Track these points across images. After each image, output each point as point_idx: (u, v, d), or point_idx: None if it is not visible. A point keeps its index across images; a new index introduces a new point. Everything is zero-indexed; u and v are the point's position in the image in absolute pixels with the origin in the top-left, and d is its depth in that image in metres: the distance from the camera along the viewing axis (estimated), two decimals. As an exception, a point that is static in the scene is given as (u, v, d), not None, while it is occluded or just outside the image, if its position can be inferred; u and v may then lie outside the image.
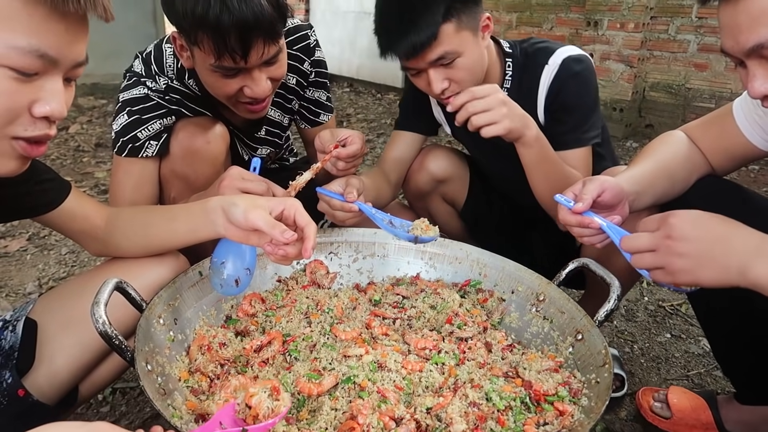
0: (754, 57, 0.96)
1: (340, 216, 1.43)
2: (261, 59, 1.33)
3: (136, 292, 1.14)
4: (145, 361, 1.04)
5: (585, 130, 1.59)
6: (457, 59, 1.45)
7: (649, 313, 2.22)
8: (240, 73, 1.35)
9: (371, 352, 1.18)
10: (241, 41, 1.26)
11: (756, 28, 0.92)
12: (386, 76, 6.76)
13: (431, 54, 1.43)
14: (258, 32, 1.26)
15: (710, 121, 1.38)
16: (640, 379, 1.83)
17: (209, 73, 1.36)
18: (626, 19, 4.70)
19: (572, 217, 1.19)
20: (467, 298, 1.44)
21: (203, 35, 1.26)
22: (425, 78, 1.50)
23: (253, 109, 1.47)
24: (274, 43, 1.34)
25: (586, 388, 1.11)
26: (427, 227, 1.42)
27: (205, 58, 1.31)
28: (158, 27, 6.90)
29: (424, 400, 1.04)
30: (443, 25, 1.40)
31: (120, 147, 1.50)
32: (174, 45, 1.41)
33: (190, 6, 1.24)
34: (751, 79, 0.98)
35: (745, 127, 1.28)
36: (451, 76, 1.47)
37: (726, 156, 1.33)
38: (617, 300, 1.20)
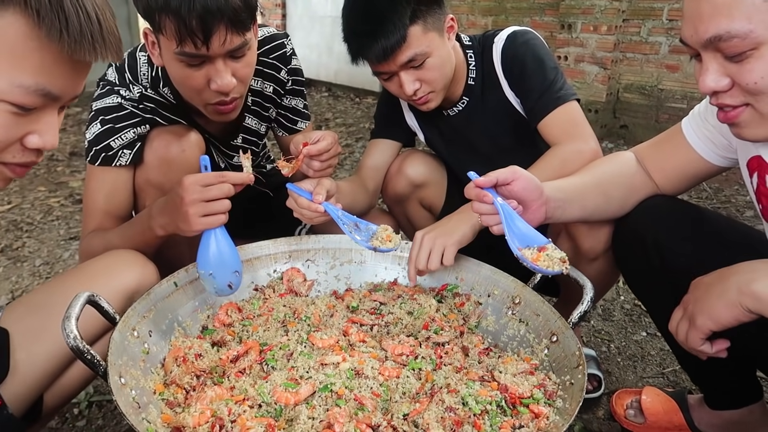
0: (710, 49, 0.95)
1: (306, 214, 1.43)
2: (224, 47, 1.31)
3: (108, 304, 1.13)
4: (118, 375, 1.03)
5: (557, 89, 1.59)
6: (427, 60, 1.50)
7: (625, 312, 2.25)
8: (205, 64, 1.33)
9: (348, 359, 1.18)
10: (203, 24, 1.25)
11: (716, 19, 0.91)
12: (364, 80, 6.77)
13: (402, 56, 1.47)
14: (220, 17, 1.25)
15: (660, 142, 1.39)
16: (617, 378, 1.85)
17: (174, 63, 1.34)
18: (599, 22, 4.77)
19: (473, 189, 1.21)
20: (444, 303, 1.45)
21: (166, 18, 1.25)
22: (397, 81, 1.54)
23: (222, 110, 1.44)
24: (238, 33, 1.31)
25: (560, 389, 1.12)
26: (388, 237, 1.40)
27: (168, 46, 1.30)
28: (133, 33, 6.82)
29: (401, 407, 1.05)
30: (411, 27, 1.45)
31: (93, 156, 1.49)
32: (146, 42, 1.40)
33: None
34: (703, 72, 0.97)
35: (697, 144, 1.29)
36: (421, 77, 1.52)
37: (679, 175, 1.34)
38: (591, 302, 1.21)
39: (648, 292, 1.42)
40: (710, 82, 0.97)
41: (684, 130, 1.32)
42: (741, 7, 0.89)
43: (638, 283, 1.43)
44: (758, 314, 0.94)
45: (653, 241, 1.26)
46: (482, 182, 1.20)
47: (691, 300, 1.05)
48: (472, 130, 1.77)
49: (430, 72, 1.52)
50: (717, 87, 0.97)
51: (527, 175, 1.22)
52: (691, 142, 1.30)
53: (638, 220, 1.32)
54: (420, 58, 1.49)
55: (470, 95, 1.73)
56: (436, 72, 1.53)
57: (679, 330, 1.07)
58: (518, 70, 1.63)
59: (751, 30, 0.89)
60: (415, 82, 1.52)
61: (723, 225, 1.29)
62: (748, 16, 0.89)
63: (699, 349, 1.05)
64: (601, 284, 1.56)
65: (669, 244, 1.25)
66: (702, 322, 1.01)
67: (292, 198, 1.44)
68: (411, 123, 1.85)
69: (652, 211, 1.31)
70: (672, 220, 1.28)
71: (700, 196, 3.55)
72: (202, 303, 1.38)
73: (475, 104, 1.75)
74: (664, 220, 1.28)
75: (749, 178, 1.19)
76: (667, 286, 1.27)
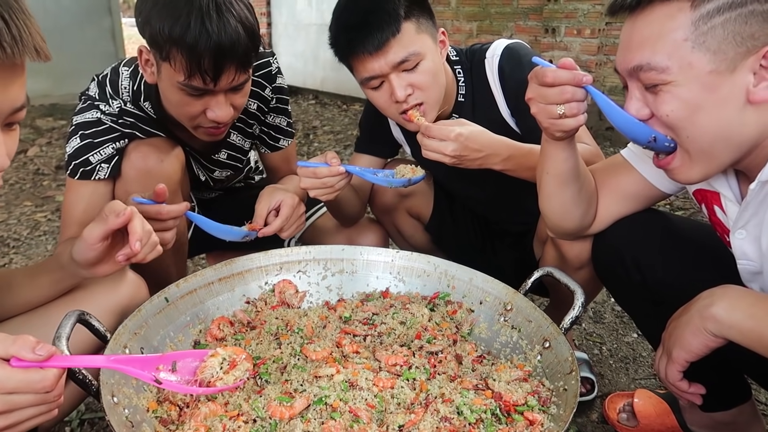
0: (633, 78, 1.00)
1: (328, 182, 1.45)
2: (230, 85, 1.36)
3: (99, 323, 1.12)
4: (111, 394, 1.02)
5: None
6: (421, 62, 1.45)
7: (615, 314, 2.27)
8: (205, 95, 1.36)
9: (342, 371, 1.18)
10: (215, 65, 1.28)
11: (640, 50, 0.96)
12: (351, 87, 6.78)
13: (394, 53, 1.42)
14: (232, 59, 1.30)
15: (604, 168, 1.38)
16: (610, 380, 1.86)
17: (175, 90, 1.35)
18: (582, 26, 4.83)
19: (564, 73, 1.07)
20: (436, 311, 1.46)
21: (177, 53, 1.27)
22: (387, 89, 1.48)
23: (213, 133, 1.47)
24: (245, 72, 1.37)
25: (554, 396, 1.13)
26: (413, 170, 1.48)
27: (173, 75, 1.32)
28: (117, 45, 6.78)
29: (396, 418, 1.05)
30: (405, 22, 1.42)
31: (72, 170, 1.49)
32: (139, 59, 1.41)
33: (169, 23, 1.25)
34: (627, 100, 1.01)
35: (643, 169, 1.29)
36: (414, 82, 1.46)
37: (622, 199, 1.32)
38: (582, 307, 1.22)
39: (631, 304, 1.45)
40: (632, 110, 1.01)
41: (625, 155, 1.33)
42: (665, 43, 0.94)
43: (620, 295, 1.46)
44: (723, 338, 0.98)
45: (632, 258, 1.28)
46: (569, 64, 1.07)
47: (666, 336, 1.09)
48: None
49: (423, 76, 1.46)
50: (638, 115, 1.01)
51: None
52: (634, 164, 1.31)
53: (615, 237, 1.34)
54: (413, 58, 1.44)
55: (460, 113, 1.67)
56: (429, 77, 1.47)
57: (659, 366, 1.10)
58: (517, 89, 1.56)
59: (668, 66, 0.94)
60: (407, 87, 1.45)
61: (698, 233, 1.31)
62: (669, 52, 0.94)
63: (676, 384, 1.08)
64: (589, 290, 1.56)
65: (647, 260, 1.27)
66: (677, 354, 1.04)
67: (308, 173, 1.46)
68: (397, 135, 1.85)
69: (628, 227, 1.32)
70: (648, 234, 1.29)
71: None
72: (194, 317, 1.37)
73: None
74: (640, 235, 1.30)
75: (699, 206, 1.23)
76: (648, 298, 1.30)
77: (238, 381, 1.05)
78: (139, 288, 1.28)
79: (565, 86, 1.08)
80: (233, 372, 1.06)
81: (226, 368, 1.06)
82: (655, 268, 1.26)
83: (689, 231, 1.31)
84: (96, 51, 6.38)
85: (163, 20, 1.26)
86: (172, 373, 1.01)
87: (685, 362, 1.04)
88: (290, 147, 1.87)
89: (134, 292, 1.26)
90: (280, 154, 1.85)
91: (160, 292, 1.31)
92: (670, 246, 1.27)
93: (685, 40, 0.93)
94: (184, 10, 1.25)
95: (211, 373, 1.04)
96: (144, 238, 1.10)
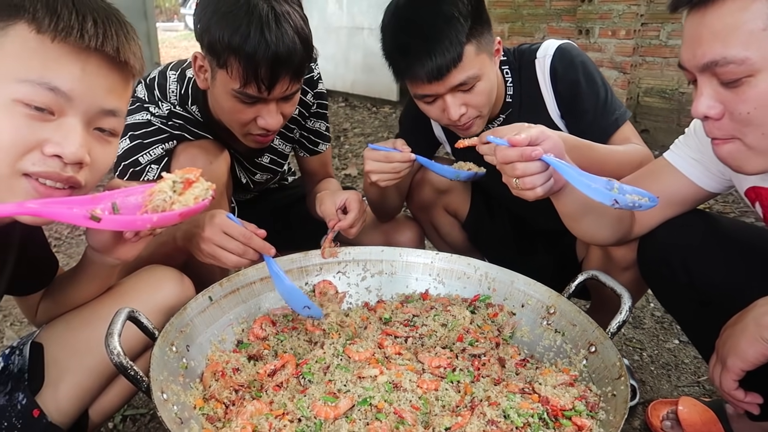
0: (706, 73, 0.96)
1: (397, 167, 1.47)
2: (283, 94, 1.38)
3: (148, 320, 1.14)
4: (161, 391, 1.03)
5: (613, 110, 1.55)
6: (477, 84, 1.43)
7: (656, 320, 2.22)
8: (258, 103, 1.38)
9: (386, 372, 1.17)
10: (271, 74, 1.31)
11: (714, 44, 0.92)
12: (381, 89, 6.79)
13: (454, 78, 1.39)
14: (288, 68, 1.32)
15: (643, 173, 1.35)
16: (651, 387, 1.82)
17: (228, 97, 1.38)
18: (617, 27, 4.74)
19: (512, 150, 1.09)
20: (477, 314, 1.44)
21: (235, 61, 1.30)
22: (440, 105, 1.46)
23: (261, 141, 1.50)
24: (298, 81, 1.39)
25: (602, 401, 1.11)
26: (469, 167, 1.52)
27: (228, 82, 1.34)
28: (152, 49, 6.91)
29: (442, 420, 1.04)
30: (466, 46, 1.37)
31: (121, 171, 1.51)
32: (193, 64, 1.44)
33: (228, 32, 1.28)
34: (697, 97, 0.97)
35: (687, 169, 1.27)
36: (468, 101, 1.45)
37: (666, 204, 1.28)
38: (629, 311, 1.20)
39: (677, 306, 1.41)
40: (702, 107, 0.97)
41: (669, 158, 1.30)
42: (738, 34, 0.90)
43: (666, 297, 1.42)
44: None
45: (679, 258, 1.25)
46: (518, 141, 1.09)
47: (720, 344, 1.06)
48: None
49: (478, 96, 1.44)
50: (708, 113, 0.97)
51: (555, 134, 1.16)
52: (679, 167, 1.28)
53: (661, 237, 1.31)
54: (471, 81, 1.41)
55: (508, 113, 1.65)
56: (484, 97, 1.45)
57: (714, 375, 1.08)
58: (570, 90, 1.55)
59: (747, 57, 0.90)
60: (461, 106, 1.43)
61: (747, 234, 1.27)
62: (745, 43, 0.89)
63: (732, 393, 1.05)
64: (634, 293, 1.54)
65: (694, 261, 1.24)
66: (732, 363, 1.01)
67: (378, 156, 1.47)
68: (439, 135, 1.84)
69: (674, 227, 1.30)
70: (695, 235, 1.26)
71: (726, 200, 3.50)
72: (237, 317, 1.39)
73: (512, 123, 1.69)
74: (687, 235, 1.27)
75: (752, 206, 1.19)
76: (695, 299, 1.27)
77: (199, 201, 0.96)
78: (184, 287, 1.30)
79: (514, 164, 1.10)
80: (189, 192, 0.96)
81: (180, 189, 0.95)
82: (703, 269, 1.23)
83: (738, 232, 1.28)
84: (132, 56, 6.52)
85: (222, 29, 1.28)
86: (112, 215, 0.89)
87: (741, 371, 1.01)
88: (327, 151, 1.90)
89: (180, 291, 1.28)
90: (318, 158, 1.87)
91: (204, 291, 1.33)
92: (718, 246, 1.23)
93: (764, 30, 0.88)
94: (245, 20, 1.27)
95: (162, 199, 0.92)
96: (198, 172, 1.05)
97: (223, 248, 1.29)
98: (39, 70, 0.83)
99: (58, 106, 0.85)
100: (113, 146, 0.96)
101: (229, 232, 1.29)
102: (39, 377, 1.14)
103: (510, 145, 1.11)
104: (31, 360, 1.16)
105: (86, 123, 0.89)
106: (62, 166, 0.86)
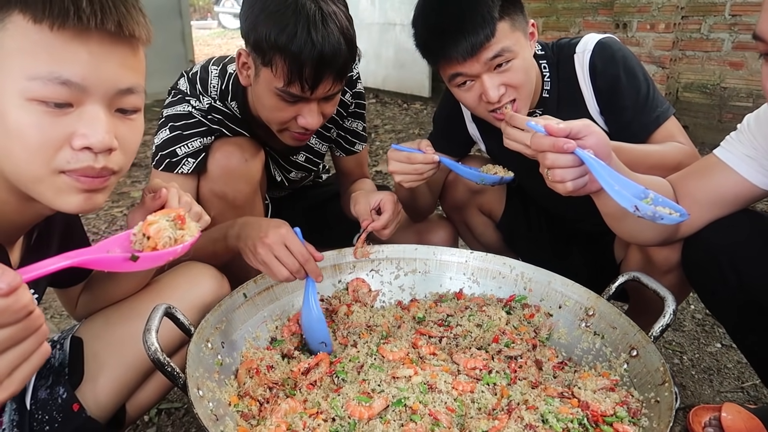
0: None
1: (420, 168, 1.44)
2: (325, 94, 1.37)
3: (184, 317, 1.15)
4: (196, 387, 1.04)
5: (655, 106, 1.50)
6: (513, 61, 1.40)
7: (696, 322, 2.15)
8: (299, 102, 1.38)
9: (420, 372, 1.16)
10: (315, 74, 1.30)
11: None
12: (412, 86, 6.76)
13: (489, 51, 1.37)
14: (332, 69, 1.32)
15: (694, 169, 1.30)
16: (692, 392, 1.77)
17: (271, 95, 1.38)
18: (656, 20, 4.62)
19: (546, 139, 1.04)
20: (513, 314, 1.42)
21: (280, 60, 1.30)
22: (477, 89, 1.43)
23: (299, 138, 1.49)
24: (341, 82, 1.38)
25: (645, 407, 1.08)
26: (503, 169, 1.50)
27: (272, 80, 1.34)
28: (187, 47, 7.01)
29: (479, 423, 1.02)
30: (499, 22, 1.36)
31: (158, 161, 1.53)
32: (237, 61, 1.44)
33: (275, 31, 1.27)
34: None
35: (739, 166, 1.21)
36: (507, 81, 1.41)
37: (715, 200, 1.24)
38: (673, 314, 1.16)
39: (724, 309, 1.35)
40: None
41: (720, 155, 1.25)
42: None
43: (714, 300, 1.36)
44: None
45: (729, 260, 1.20)
46: (556, 130, 1.04)
47: None
48: None
49: (516, 75, 1.41)
50: None
51: (600, 131, 1.11)
52: (731, 164, 1.22)
53: (710, 238, 1.25)
54: (506, 55, 1.38)
55: (544, 108, 1.61)
56: (522, 75, 1.42)
57: None
58: (609, 85, 1.51)
59: None
60: (499, 86, 1.40)
61: None
62: None
63: None
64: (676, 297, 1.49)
65: (745, 262, 1.19)
66: None
67: (401, 157, 1.45)
68: (473, 133, 1.81)
69: (723, 227, 1.24)
70: (746, 235, 1.21)
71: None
72: (271, 314, 1.39)
73: None
74: (737, 235, 1.21)
75: None
76: (745, 302, 1.21)
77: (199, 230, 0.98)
78: (221, 284, 1.30)
79: (545, 153, 1.06)
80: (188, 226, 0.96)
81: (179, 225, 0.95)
82: (753, 269, 1.17)
83: None
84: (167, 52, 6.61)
85: (269, 27, 1.28)
86: None
87: None
88: (364, 151, 1.88)
89: (216, 288, 1.28)
90: (355, 158, 1.86)
91: (238, 288, 1.33)
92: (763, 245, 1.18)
93: None
94: (292, 19, 1.27)
95: (168, 235, 0.91)
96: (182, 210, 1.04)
97: (279, 260, 1.27)
98: (46, 64, 0.79)
99: (74, 98, 0.82)
100: (138, 123, 0.93)
101: (290, 247, 1.28)
102: (79, 371, 1.16)
103: (546, 133, 1.06)
104: (71, 354, 1.18)
105: (107, 107, 0.85)
106: (93, 157, 0.84)
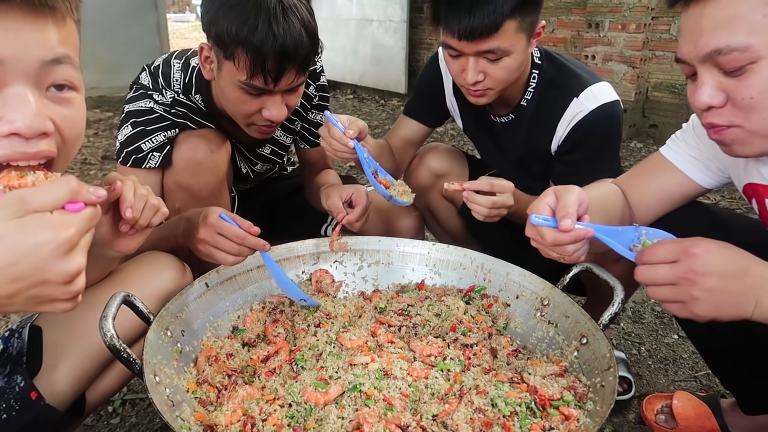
0: (708, 64, 0.96)
1: (334, 145, 1.48)
2: (288, 86, 1.39)
3: (143, 305, 1.16)
4: (153, 374, 1.05)
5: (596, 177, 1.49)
6: (504, 58, 1.44)
7: (656, 315, 2.22)
8: (263, 95, 1.40)
9: (377, 359, 1.18)
10: (278, 66, 1.32)
11: (716, 33, 0.93)
12: (389, 82, 6.79)
13: (484, 44, 1.40)
14: (294, 61, 1.33)
15: (640, 169, 1.36)
16: (648, 381, 1.82)
17: (234, 88, 1.39)
18: (627, 20, 4.71)
19: (566, 235, 1.02)
20: (472, 304, 1.45)
21: (242, 53, 1.31)
22: (461, 63, 1.47)
23: (265, 131, 1.51)
24: (303, 73, 1.40)
25: (591, 392, 1.11)
26: (403, 191, 1.51)
27: (235, 74, 1.35)
28: (162, 39, 6.94)
29: (430, 407, 1.05)
30: (508, 20, 1.38)
31: (124, 157, 1.53)
32: (199, 55, 1.45)
33: (236, 24, 1.29)
34: (699, 86, 0.97)
35: (684, 166, 1.27)
36: (488, 71, 1.45)
37: (662, 200, 1.29)
38: (621, 303, 1.20)
39: None
40: (705, 97, 0.97)
41: (666, 155, 1.30)
42: (740, 21, 0.90)
43: None
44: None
45: None
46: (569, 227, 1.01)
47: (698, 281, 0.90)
48: (508, 140, 1.76)
49: (501, 72, 1.45)
50: (711, 102, 0.97)
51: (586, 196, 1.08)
52: (677, 164, 1.28)
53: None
54: (499, 53, 1.42)
55: (517, 115, 1.66)
56: (506, 74, 1.47)
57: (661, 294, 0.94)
58: (579, 141, 1.57)
59: (750, 44, 0.90)
60: (479, 73, 1.44)
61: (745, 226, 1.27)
62: (747, 30, 0.90)
63: None
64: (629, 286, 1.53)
65: None
66: (702, 314, 0.91)
67: (326, 127, 1.48)
68: (451, 107, 1.85)
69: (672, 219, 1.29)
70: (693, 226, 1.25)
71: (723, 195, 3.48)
72: (233, 303, 1.40)
73: (517, 125, 1.69)
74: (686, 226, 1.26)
75: (749, 202, 1.19)
76: None
77: None
78: (184, 274, 1.31)
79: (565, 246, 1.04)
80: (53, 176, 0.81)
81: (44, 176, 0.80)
82: None
83: (736, 224, 1.27)
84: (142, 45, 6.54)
85: (230, 20, 1.29)
86: None
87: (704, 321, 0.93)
88: None
89: (179, 278, 1.29)
90: (318, 150, 1.88)
91: (200, 278, 1.34)
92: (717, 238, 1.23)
93: (765, 17, 0.89)
94: (253, 12, 1.28)
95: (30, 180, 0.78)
96: (137, 203, 1.03)
97: (219, 248, 1.27)
98: None
99: None
100: (78, 103, 0.85)
101: (223, 233, 1.27)
102: (37, 360, 1.16)
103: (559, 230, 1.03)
104: (29, 343, 1.18)
105: (35, 85, 0.78)
106: (24, 142, 0.76)
